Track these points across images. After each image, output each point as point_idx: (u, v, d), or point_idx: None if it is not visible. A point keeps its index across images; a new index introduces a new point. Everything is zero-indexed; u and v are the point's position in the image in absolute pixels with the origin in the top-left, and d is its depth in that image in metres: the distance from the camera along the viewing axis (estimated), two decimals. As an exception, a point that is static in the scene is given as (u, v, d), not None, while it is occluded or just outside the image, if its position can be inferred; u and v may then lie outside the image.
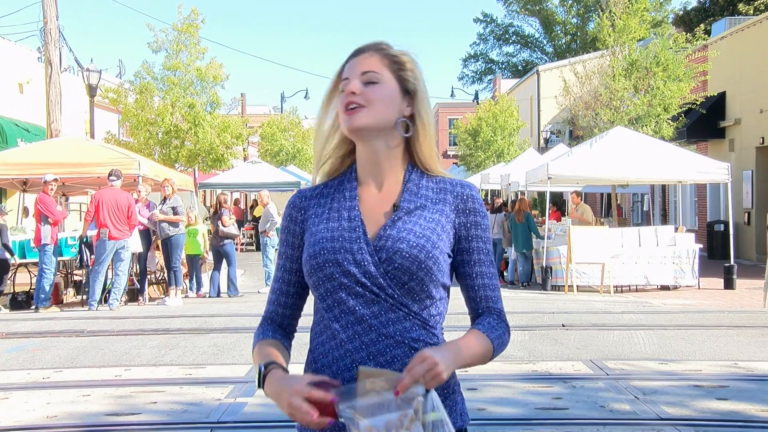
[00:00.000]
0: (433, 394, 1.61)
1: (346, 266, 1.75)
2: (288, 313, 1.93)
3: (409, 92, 1.85)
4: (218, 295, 13.40)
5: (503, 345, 1.84)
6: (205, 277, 13.87)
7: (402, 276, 1.75)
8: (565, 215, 20.91)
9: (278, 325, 1.93)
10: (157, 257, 13.20)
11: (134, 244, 12.07)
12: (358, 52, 1.85)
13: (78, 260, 12.26)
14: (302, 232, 1.88)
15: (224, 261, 13.62)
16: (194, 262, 13.56)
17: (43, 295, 11.40)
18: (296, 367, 1.76)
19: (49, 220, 11.38)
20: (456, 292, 1.86)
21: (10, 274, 12.47)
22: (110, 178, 11.65)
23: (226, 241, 13.59)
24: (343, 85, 1.82)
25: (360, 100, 1.79)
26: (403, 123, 1.84)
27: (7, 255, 12.12)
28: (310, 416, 1.59)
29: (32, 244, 12.14)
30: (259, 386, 1.74)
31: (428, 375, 1.59)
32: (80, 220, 18.82)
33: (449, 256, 1.83)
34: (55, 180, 11.70)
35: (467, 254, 1.85)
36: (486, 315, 1.85)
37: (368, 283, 1.74)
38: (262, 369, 1.74)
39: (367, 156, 1.85)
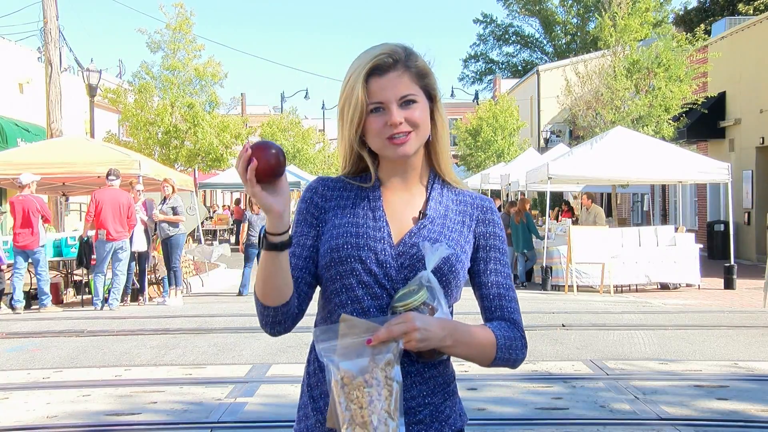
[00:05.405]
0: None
1: (369, 264, 1.71)
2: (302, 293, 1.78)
3: (431, 98, 1.82)
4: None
5: (513, 351, 1.76)
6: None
7: None
8: (573, 216, 20.73)
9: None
10: (156, 257, 13.19)
11: (139, 242, 12.08)
12: (383, 69, 1.73)
13: (77, 260, 12.24)
14: (320, 221, 1.81)
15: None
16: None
17: (44, 297, 11.36)
18: (298, 367, 1.75)
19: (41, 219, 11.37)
20: (466, 292, 1.84)
21: (8, 275, 12.42)
22: (109, 177, 11.61)
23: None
24: (375, 106, 1.72)
25: (405, 128, 1.73)
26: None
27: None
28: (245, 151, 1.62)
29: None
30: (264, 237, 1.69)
31: (405, 337, 1.59)
32: (80, 220, 18.80)
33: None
34: (35, 181, 11.66)
35: (484, 263, 1.82)
36: (499, 321, 1.81)
37: (387, 286, 1.71)
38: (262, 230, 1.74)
39: (395, 161, 1.80)
